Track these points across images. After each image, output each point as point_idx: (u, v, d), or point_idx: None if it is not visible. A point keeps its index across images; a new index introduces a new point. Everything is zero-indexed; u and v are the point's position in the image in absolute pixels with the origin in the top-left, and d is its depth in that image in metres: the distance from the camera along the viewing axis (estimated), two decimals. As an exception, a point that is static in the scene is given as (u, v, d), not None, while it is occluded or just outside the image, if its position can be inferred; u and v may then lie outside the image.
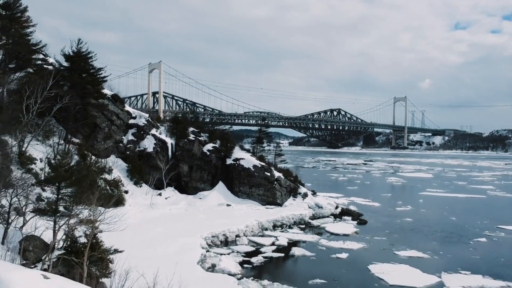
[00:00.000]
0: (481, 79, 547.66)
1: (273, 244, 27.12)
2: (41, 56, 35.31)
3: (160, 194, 35.25)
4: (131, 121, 37.65)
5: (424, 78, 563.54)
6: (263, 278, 20.28)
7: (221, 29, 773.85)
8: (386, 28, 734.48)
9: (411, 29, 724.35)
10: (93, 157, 33.28)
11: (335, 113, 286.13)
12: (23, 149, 29.23)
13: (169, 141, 37.50)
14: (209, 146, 38.75)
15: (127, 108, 39.14)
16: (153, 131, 37.73)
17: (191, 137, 38.12)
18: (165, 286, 12.38)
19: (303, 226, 33.16)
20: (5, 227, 14.37)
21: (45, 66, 34.06)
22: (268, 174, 37.38)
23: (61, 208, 13.32)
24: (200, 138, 38.88)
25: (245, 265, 22.42)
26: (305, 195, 38.09)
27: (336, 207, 38.24)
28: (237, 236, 27.78)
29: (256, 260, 23.53)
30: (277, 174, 38.28)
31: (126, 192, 32.56)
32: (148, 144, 36.76)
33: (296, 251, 25.50)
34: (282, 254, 25.05)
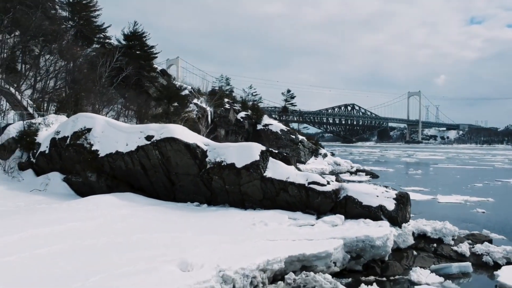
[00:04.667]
0: (497, 74, 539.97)
1: (301, 183, 33.34)
2: (102, 36, 42.04)
3: (202, 153, 41.55)
4: (176, 92, 44.08)
5: (439, 74, 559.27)
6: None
7: (234, 26, 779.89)
8: (401, 23, 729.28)
9: (426, 24, 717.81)
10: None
11: (349, 108, 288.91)
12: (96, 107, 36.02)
13: (209, 109, 43.82)
14: (242, 114, 45.02)
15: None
16: (195, 100, 44.07)
17: (227, 106, 44.42)
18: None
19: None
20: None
21: (106, 44, 40.73)
22: (293, 137, 43.48)
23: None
24: (234, 107, 45.16)
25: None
26: (325, 155, 44.05)
27: (352, 167, 44.07)
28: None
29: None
30: (300, 137, 44.30)
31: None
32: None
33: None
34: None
